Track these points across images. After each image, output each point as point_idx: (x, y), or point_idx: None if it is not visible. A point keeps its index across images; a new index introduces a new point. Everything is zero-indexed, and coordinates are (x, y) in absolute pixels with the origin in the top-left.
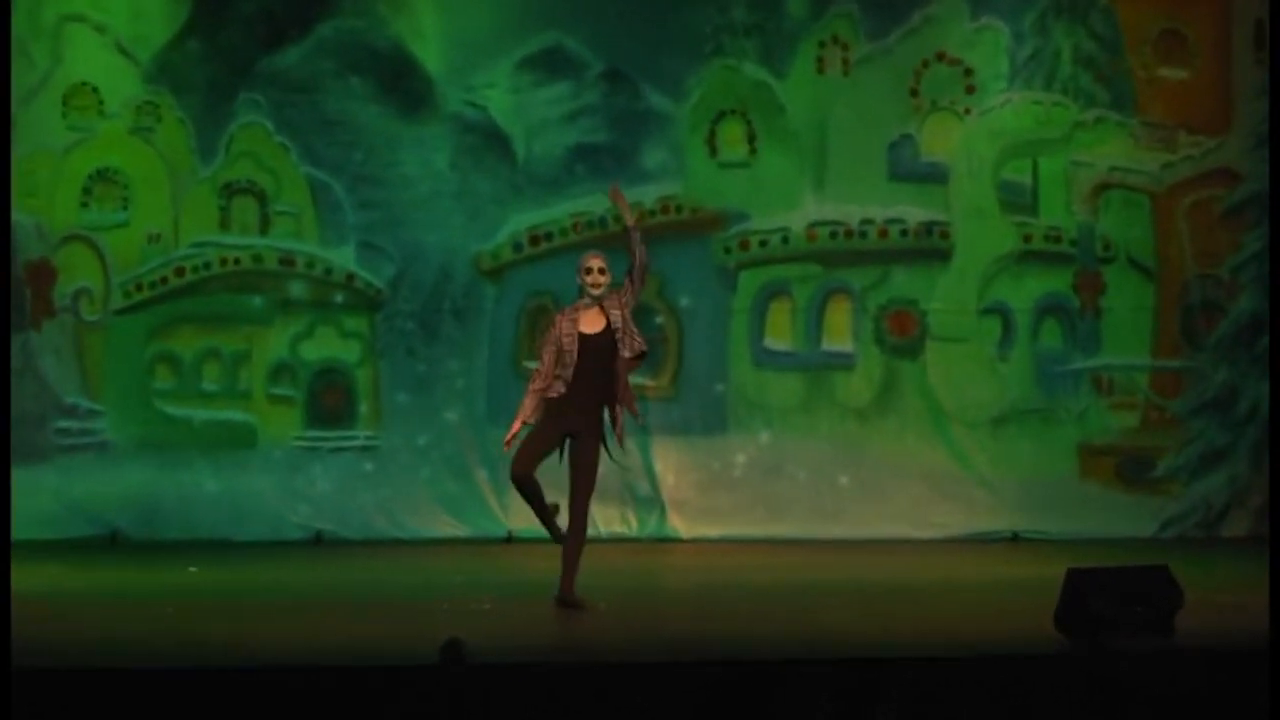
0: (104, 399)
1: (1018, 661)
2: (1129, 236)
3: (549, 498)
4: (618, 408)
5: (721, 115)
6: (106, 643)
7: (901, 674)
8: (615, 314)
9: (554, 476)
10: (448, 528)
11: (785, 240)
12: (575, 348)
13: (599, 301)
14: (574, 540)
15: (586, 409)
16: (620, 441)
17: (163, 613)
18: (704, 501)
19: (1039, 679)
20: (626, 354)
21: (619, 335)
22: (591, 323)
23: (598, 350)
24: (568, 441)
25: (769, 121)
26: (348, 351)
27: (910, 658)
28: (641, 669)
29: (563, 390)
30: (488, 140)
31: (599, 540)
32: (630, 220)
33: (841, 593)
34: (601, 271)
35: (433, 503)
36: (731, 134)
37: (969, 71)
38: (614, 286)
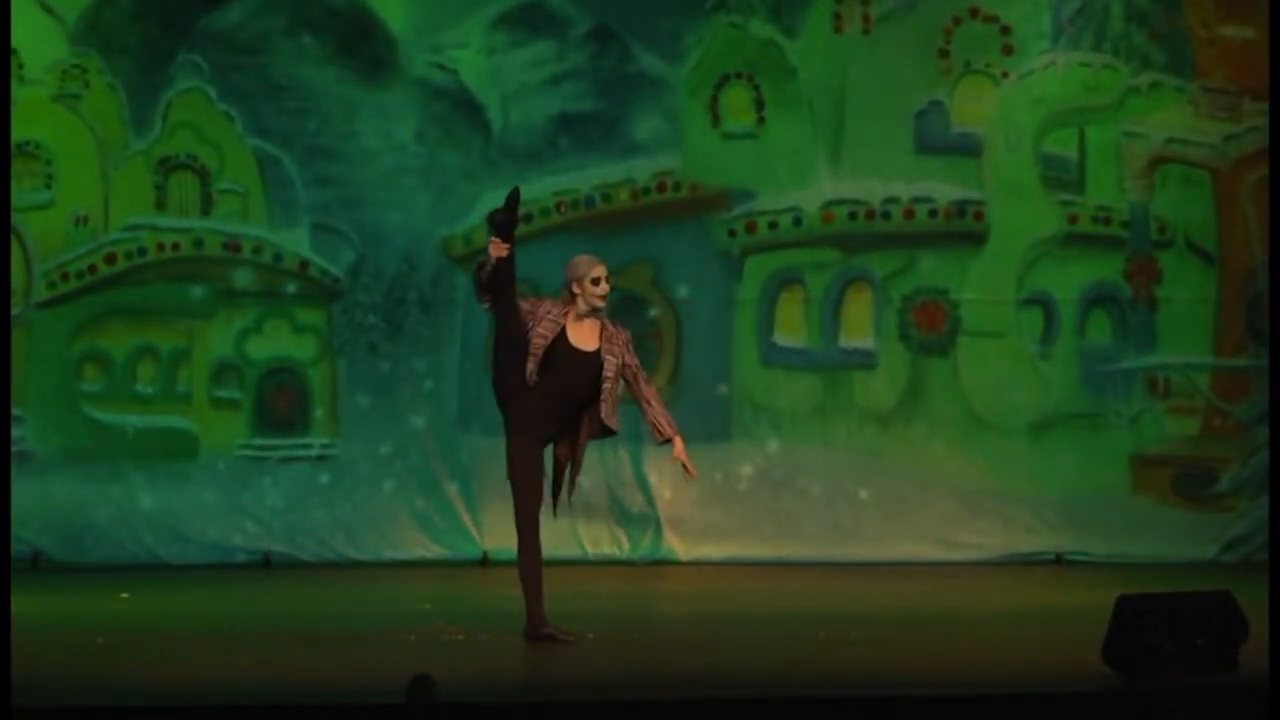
0: (25, 403)
1: (1060, 700)
2: (1188, 217)
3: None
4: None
5: (725, 79)
6: (27, 679)
7: (928, 714)
8: (611, 360)
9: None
10: (415, 548)
11: (797, 222)
12: (541, 353)
13: (597, 315)
14: (529, 560)
15: (554, 425)
16: (554, 505)
17: (91, 645)
18: (704, 518)
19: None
20: (604, 418)
21: (604, 388)
22: (584, 338)
23: (581, 372)
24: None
25: (779, 86)
26: (301, 348)
27: (938, 696)
28: (633, 708)
29: (529, 398)
30: (458, 108)
31: (586, 562)
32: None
33: (860, 622)
34: (608, 282)
35: (397, 520)
36: (736, 101)
37: (1006, 29)
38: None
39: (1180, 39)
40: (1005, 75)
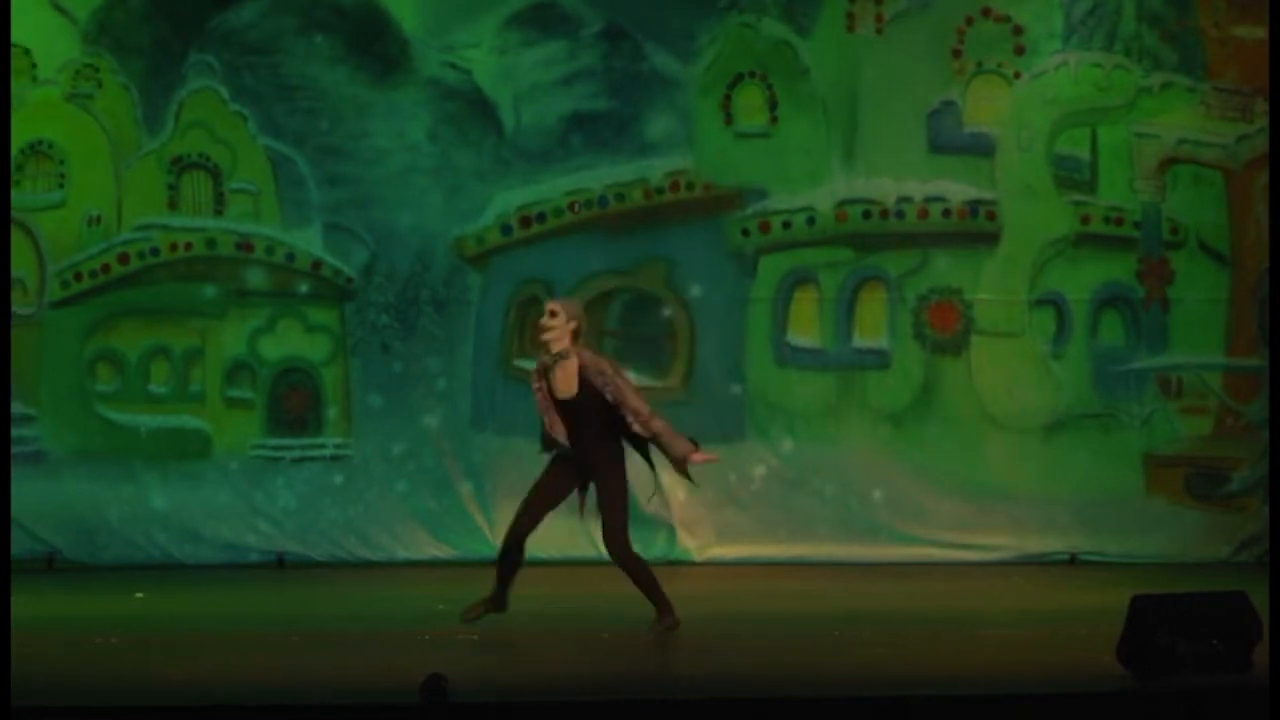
0: (38, 403)
1: (1075, 700)
2: (1200, 218)
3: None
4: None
5: (738, 78)
6: (39, 679)
7: (942, 714)
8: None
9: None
10: (427, 548)
11: (811, 221)
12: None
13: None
14: (641, 570)
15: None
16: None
17: (105, 645)
18: (718, 519)
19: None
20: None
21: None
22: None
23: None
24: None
25: (792, 85)
26: (314, 348)
27: (952, 696)
28: (646, 708)
29: None
30: (471, 108)
31: (599, 563)
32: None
33: (874, 623)
34: (550, 315)
35: (410, 520)
36: (749, 100)
37: (1018, 29)
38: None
39: (1192, 39)
40: (1017, 75)
